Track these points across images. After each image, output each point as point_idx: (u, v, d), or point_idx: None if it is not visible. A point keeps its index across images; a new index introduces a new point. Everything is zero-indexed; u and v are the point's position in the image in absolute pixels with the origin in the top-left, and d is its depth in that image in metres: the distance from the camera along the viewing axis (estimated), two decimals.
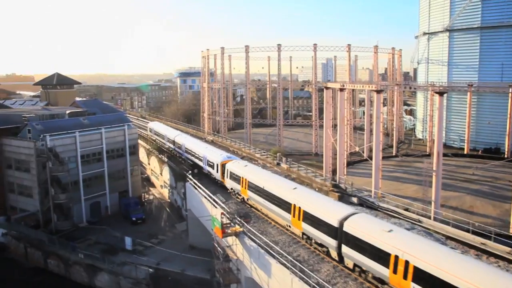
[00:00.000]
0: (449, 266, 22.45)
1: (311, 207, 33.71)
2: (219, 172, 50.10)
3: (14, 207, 60.26)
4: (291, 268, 29.88)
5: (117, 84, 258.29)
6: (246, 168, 47.27)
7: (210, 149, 60.03)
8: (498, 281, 21.03)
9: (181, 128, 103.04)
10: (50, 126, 58.14)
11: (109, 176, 64.09)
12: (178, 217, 63.04)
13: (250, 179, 43.75)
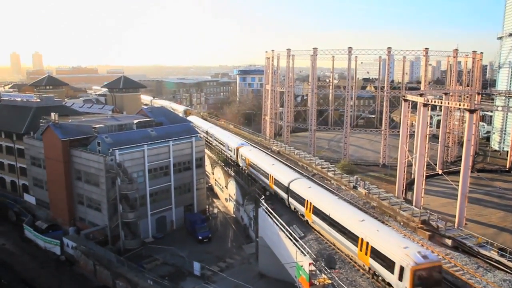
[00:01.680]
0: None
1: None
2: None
3: (82, 219, 59.88)
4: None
5: (176, 79, 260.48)
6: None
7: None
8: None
9: (243, 134, 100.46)
10: (119, 139, 56.81)
11: (175, 190, 62.27)
12: (245, 236, 60.20)
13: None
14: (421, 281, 28.44)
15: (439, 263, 30.18)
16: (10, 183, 77.91)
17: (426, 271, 28.73)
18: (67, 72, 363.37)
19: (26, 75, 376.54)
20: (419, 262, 28.61)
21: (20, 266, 54.15)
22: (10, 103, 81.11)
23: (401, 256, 29.51)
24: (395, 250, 30.31)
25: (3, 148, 76.78)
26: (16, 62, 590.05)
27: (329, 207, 40.12)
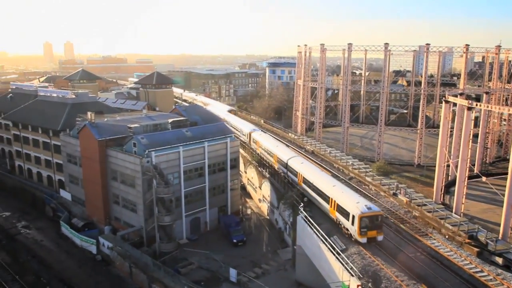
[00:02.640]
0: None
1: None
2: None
3: (118, 218, 60.05)
4: None
5: (205, 70, 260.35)
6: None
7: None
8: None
9: (278, 132, 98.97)
10: (154, 140, 56.40)
11: (210, 191, 61.71)
12: (280, 240, 59.18)
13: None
14: (365, 224, 40.27)
15: (380, 213, 41.79)
16: (46, 177, 79.13)
17: (369, 218, 40.39)
18: (97, 62, 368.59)
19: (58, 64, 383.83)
20: (364, 212, 40.35)
21: (58, 265, 54.64)
22: (47, 98, 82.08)
23: (353, 208, 41.34)
24: (350, 204, 42.18)
25: (40, 143, 77.87)
26: (48, 51, 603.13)
27: (312, 177, 51.70)
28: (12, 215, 71.61)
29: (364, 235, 40.34)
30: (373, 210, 41.01)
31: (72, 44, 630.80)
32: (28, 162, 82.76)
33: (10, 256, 57.56)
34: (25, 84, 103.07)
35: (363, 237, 40.32)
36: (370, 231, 40.39)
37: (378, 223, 40.92)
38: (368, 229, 40.28)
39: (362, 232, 40.26)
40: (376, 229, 40.67)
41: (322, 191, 47.86)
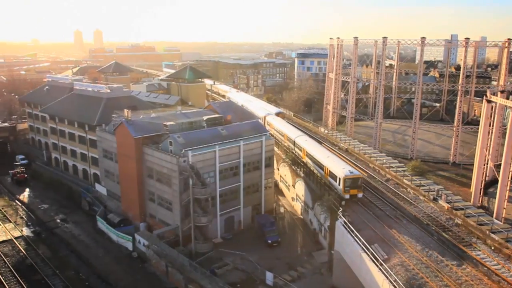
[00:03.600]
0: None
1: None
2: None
3: (153, 216, 60.54)
4: None
5: (233, 60, 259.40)
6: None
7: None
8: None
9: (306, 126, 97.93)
10: (190, 138, 56.29)
11: (244, 190, 61.45)
12: (314, 242, 58.56)
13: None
14: (348, 184, 52.39)
15: (360, 176, 54.29)
16: (82, 171, 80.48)
17: (351, 179, 52.65)
18: (126, 50, 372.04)
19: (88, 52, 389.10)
20: (347, 175, 52.69)
21: (96, 260, 55.54)
22: (82, 92, 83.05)
23: (339, 172, 53.68)
24: (338, 170, 54.46)
25: (76, 137, 79.08)
26: (78, 39, 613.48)
27: (313, 151, 64.35)
28: (50, 207, 73.20)
29: (347, 192, 52.50)
30: (354, 173, 53.76)
31: (101, 32, 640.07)
32: (64, 155, 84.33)
33: (50, 250, 58.88)
34: (60, 77, 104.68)
35: (346, 194, 52.40)
36: (352, 190, 52.57)
37: (358, 183, 53.27)
38: (350, 188, 52.48)
39: (346, 190, 52.44)
40: (356, 188, 52.87)
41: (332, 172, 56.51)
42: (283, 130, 77.66)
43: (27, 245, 60.38)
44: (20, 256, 57.36)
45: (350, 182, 52.49)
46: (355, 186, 52.61)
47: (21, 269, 53.94)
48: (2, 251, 58.32)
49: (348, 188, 52.26)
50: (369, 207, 52.20)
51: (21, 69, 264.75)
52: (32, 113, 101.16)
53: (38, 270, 53.34)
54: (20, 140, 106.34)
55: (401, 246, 41.72)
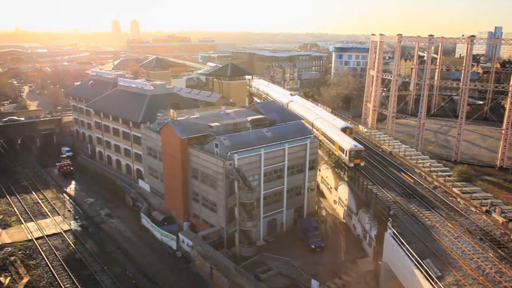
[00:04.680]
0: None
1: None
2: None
3: (196, 215, 61.16)
4: None
5: (268, 52, 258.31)
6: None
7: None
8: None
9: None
10: (236, 141, 56.25)
11: (287, 192, 61.12)
12: (358, 248, 57.77)
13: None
14: (353, 155, 66.63)
15: (362, 149, 68.16)
16: (125, 166, 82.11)
17: (355, 151, 67.09)
18: (162, 41, 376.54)
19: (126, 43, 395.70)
20: (352, 147, 67.23)
21: (141, 258, 56.66)
22: (126, 88, 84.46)
23: (346, 146, 68.07)
24: (345, 144, 68.77)
25: (120, 133, 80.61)
26: (116, 29, 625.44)
27: (327, 130, 78.11)
28: (95, 201, 75.22)
29: (352, 161, 67.14)
30: (358, 147, 68.43)
31: (138, 22, 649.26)
32: (108, 149, 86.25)
33: (97, 245, 60.50)
34: (104, 72, 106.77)
35: (351, 163, 67.06)
36: (356, 160, 67.12)
37: (361, 155, 67.70)
38: (354, 158, 66.95)
39: (351, 160, 67.13)
40: (359, 159, 67.44)
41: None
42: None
43: (75, 239, 62.31)
44: (69, 250, 59.24)
45: (354, 153, 66.84)
46: (358, 156, 67.16)
47: (70, 263, 55.73)
48: (53, 244, 60.43)
49: (352, 158, 67.04)
50: (418, 217, 50.99)
51: (63, 59, 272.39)
52: (77, 106, 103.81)
53: (87, 265, 54.97)
54: (65, 132, 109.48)
55: (454, 263, 40.54)
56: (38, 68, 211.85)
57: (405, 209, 53.31)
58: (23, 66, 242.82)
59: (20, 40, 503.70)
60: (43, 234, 63.08)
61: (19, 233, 63.45)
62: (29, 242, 61.04)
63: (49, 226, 66.05)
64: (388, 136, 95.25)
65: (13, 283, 51.00)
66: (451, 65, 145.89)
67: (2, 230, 63.69)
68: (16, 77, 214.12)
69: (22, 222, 67.00)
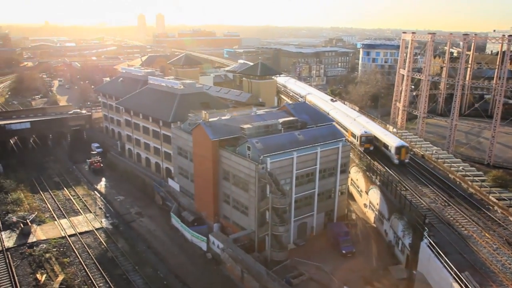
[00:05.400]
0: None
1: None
2: None
3: (227, 217, 61.20)
4: None
5: (294, 48, 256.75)
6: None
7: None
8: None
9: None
10: (268, 144, 55.84)
11: (318, 196, 60.55)
12: (390, 255, 56.80)
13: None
14: (363, 140, 74.15)
15: (372, 135, 75.63)
16: (154, 164, 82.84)
17: (365, 136, 74.65)
18: (188, 35, 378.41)
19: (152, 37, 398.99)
20: (362, 133, 75.00)
21: (172, 259, 57.09)
22: (156, 87, 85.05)
23: (357, 132, 75.77)
24: (357, 130, 76.32)
25: (150, 131, 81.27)
26: (142, 23, 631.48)
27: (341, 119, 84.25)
28: (125, 199, 76.18)
29: (362, 146, 74.36)
30: (368, 133, 76.01)
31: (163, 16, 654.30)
32: (138, 147, 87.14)
33: (128, 244, 61.26)
34: (134, 69, 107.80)
35: (362, 147, 74.26)
36: (366, 144, 74.56)
37: (371, 139, 75.10)
38: (365, 143, 74.45)
39: (361, 144, 74.53)
40: (369, 144, 74.81)
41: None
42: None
43: (107, 237, 63.23)
44: (101, 249, 60.16)
45: (365, 138, 74.54)
46: (368, 141, 74.85)
47: (103, 262, 56.56)
48: (85, 242, 61.50)
49: (363, 143, 74.51)
50: (454, 226, 49.77)
51: (90, 53, 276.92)
52: (106, 103, 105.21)
53: (119, 264, 55.72)
54: (94, 128, 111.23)
55: (494, 277, 39.41)
56: (68, 63, 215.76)
57: (440, 217, 52.09)
58: (53, 60, 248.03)
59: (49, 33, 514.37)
60: (76, 232, 64.22)
61: (53, 230, 64.77)
62: (62, 239, 62.26)
63: (81, 223, 67.22)
64: (418, 137, 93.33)
65: (48, 281, 52.11)
66: (482, 63, 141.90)
67: (37, 226, 65.07)
68: (46, 71, 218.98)
69: (55, 219, 68.36)
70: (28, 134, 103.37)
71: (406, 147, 70.73)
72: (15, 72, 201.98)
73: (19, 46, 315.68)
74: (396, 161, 70.06)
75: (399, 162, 69.78)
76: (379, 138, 76.00)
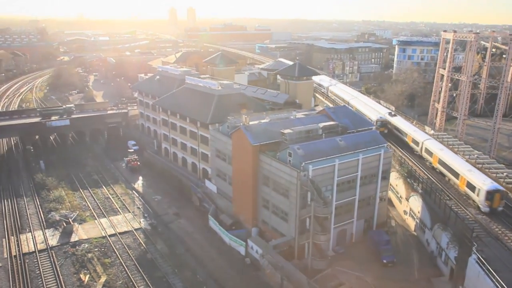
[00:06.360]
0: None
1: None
2: None
3: (265, 222, 60.93)
4: None
5: (327, 44, 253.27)
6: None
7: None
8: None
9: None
10: (310, 150, 55.13)
11: (358, 203, 59.54)
12: (432, 265, 55.38)
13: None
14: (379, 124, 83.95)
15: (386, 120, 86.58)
16: (191, 164, 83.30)
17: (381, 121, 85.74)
18: (219, 30, 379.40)
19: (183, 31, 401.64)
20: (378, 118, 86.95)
21: (211, 263, 57.26)
22: (193, 87, 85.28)
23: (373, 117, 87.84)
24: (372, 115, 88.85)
25: (187, 131, 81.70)
26: (173, 16, 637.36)
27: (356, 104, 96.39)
28: (162, 199, 76.91)
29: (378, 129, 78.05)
30: (382, 117, 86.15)
31: (194, 9, 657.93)
32: (174, 147, 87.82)
33: (167, 246, 61.83)
34: (170, 68, 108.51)
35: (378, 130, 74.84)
36: (381, 128, 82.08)
37: (385, 123, 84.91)
38: (380, 127, 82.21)
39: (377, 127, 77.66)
40: (383, 127, 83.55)
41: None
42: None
43: (146, 238, 64.08)
44: (141, 250, 61.00)
45: (380, 123, 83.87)
46: (384, 125, 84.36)
47: (143, 263, 57.32)
48: (125, 243, 62.48)
49: (378, 127, 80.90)
50: (502, 240, 47.94)
51: (124, 47, 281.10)
52: (143, 101, 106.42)
53: (158, 267, 56.33)
54: (130, 125, 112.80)
55: None
56: (103, 58, 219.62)
57: (488, 230, 50.30)
58: (88, 54, 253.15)
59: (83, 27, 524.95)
60: (116, 232, 65.34)
61: (94, 229, 66.10)
62: (103, 239, 63.46)
63: (120, 223, 68.34)
64: (457, 140, 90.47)
65: (92, 281, 53.20)
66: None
67: (78, 225, 66.54)
68: (82, 66, 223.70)
69: (95, 218, 69.76)
70: (67, 131, 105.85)
71: (501, 191, 54.03)
72: (53, 67, 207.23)
73: (55, 40, 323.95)
74: (485, 209, 54.16)
75: (490, 210, 54.02)
76: (464, 177, 60.06)
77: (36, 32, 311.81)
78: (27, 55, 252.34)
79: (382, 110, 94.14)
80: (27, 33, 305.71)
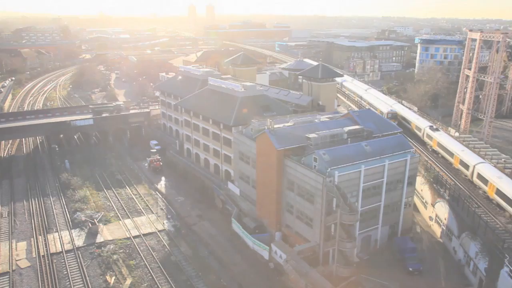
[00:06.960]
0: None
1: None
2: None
3: (289, 226, 60.71)
4: None
5: (348, 42, 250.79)
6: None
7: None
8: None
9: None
10: (335, 155, 54.65)
11: (384, 208, 58.81)
12: (459, 274, 54.40)
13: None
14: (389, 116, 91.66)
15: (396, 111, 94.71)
16: (213, 165, 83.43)
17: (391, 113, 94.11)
18: (238, 27, 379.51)
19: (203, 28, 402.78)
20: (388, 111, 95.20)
21: (234, 267, 57.28)
22: (216, 88, 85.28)
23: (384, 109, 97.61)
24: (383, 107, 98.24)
25: (210, 133, 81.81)
26: (192, 13, 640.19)
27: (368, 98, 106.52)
28: (185, 200, 77.26)
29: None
30: (393, 110, 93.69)
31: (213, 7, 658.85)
32: (197, 148, 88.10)
33: (191, 248, 62.11)
34: (192, 68, 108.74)
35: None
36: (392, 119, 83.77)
37: (395, 115, 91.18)
38: (391, 118, 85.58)
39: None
40: (394, 119, 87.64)
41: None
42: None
43: (169, 240, 64.50)
44: (165, 252, 61.41)
45: (391, 115, 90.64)
46: (394, 117, 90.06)
47: (167, 266, 57.72)
48: (149, 244, 63.00)
49: (389, 118, 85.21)
50: None
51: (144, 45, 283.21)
52: (165, 101, 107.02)
53: (183, 270, 56.62)
54: (152, 125, 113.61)
55: None
56: (124, 57, 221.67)
57: None
58: (109, 52, 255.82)
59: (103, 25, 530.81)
60: (140, 233, 65.94)
61: (118, 230, 66.80)
62: (127, 240, 64.11)
63: (144, 224, 68.92)
64: (483, 143, 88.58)
65: (117, 283, 53.80)
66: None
67: (103, 226, 67.34)
68: (103, 64, 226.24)
69: (120, 219, 70.52)
70: (90, 130, 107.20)
71: None
72: (75, 64, 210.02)
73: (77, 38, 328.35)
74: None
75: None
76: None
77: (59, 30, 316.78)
78: (50, 53, 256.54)
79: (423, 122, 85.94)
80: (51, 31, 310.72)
